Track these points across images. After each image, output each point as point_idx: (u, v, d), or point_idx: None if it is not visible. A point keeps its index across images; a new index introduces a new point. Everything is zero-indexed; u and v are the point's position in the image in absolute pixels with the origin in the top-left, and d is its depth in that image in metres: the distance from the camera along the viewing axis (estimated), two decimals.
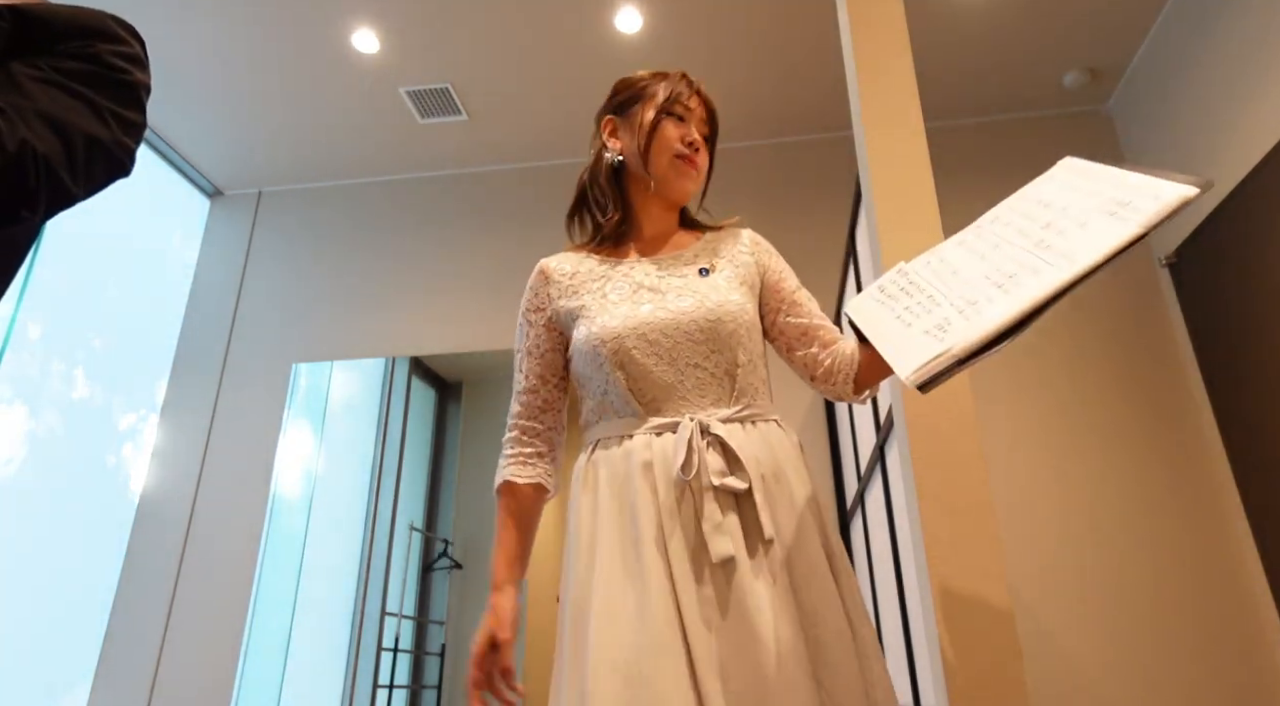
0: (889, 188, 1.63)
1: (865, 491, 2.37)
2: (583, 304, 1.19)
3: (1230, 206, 2.57)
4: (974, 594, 1.31)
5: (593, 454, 1.14)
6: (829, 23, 2.44)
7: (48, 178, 0.73)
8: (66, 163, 0.75)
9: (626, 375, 1.11)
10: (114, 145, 0.80)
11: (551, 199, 3.82)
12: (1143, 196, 0.81)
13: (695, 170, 1.25)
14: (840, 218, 2.52)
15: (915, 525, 1.43)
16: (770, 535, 1.02)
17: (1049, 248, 0.85)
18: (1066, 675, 2.62)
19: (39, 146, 0.72)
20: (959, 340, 0.83)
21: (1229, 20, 2.61)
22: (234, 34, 3.00)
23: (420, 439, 4.02)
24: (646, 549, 1.01)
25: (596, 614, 0.99)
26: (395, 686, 3.53)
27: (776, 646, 0.94)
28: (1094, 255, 0.79)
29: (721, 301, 1.14)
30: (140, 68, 0.86)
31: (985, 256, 0.93)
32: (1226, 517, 2.70)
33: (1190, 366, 2.88)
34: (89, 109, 0.78)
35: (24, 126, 0.71)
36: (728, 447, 1.05)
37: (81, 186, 0.78)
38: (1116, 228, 0.80)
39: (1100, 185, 0.87)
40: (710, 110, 1.29)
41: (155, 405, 3.52)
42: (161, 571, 3.22)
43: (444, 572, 4.08)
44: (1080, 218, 0.85)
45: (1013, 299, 0.82)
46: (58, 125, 0.74)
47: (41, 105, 0.74)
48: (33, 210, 0.75)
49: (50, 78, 0.76)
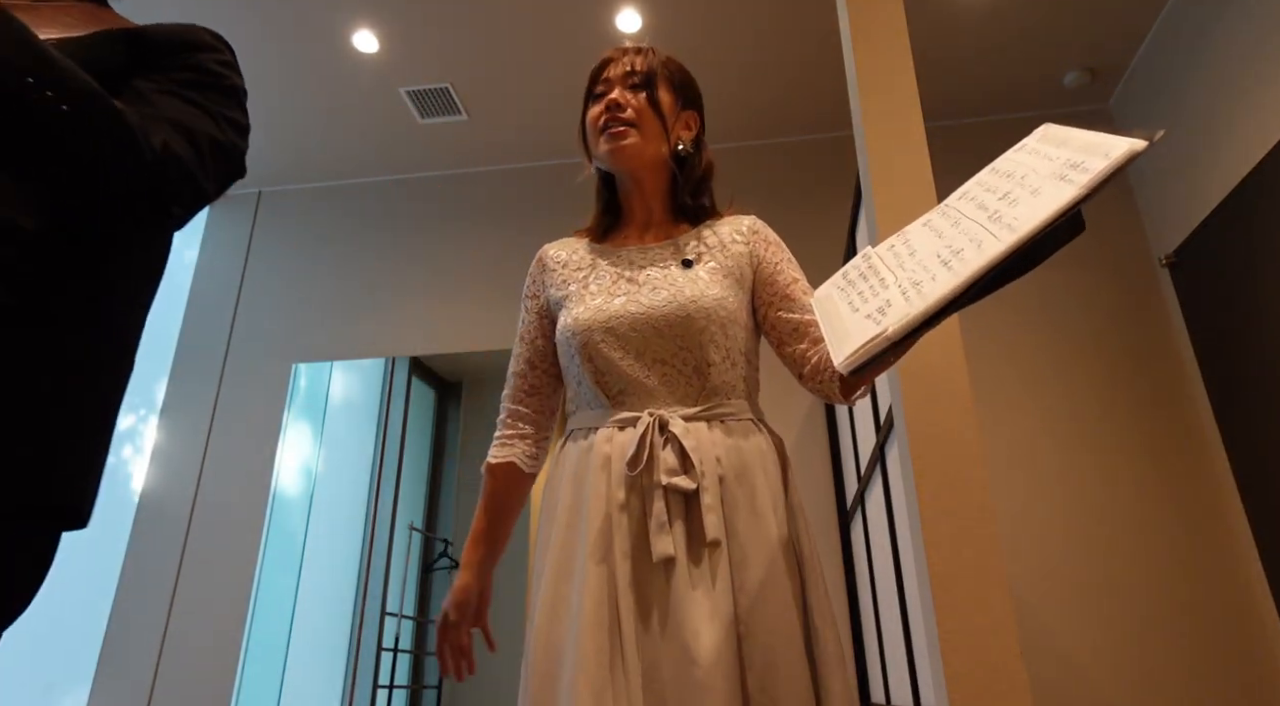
0: (889, 188, 1.63)
1: (865, 491, 2.37)
2: (567, 294, 1.18)
3: (1230, 206, 2.57)
4: (974, 594, 1.31)
5: (565, 445, 1.15)
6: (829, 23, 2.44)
7: (187, 178, 0.80)
8: (198, 164, 0.81)
9: (594, 368, 1.11)
10: (230, 147, 0.87)
11: (551, 199, 3.83)
12: (1093, 156, 0.75)
13: (623, 128, 1.18)
14: (840, 218, 2.52)
15: (915, 525, 1.43)
16: (714, 537, 1.00)
17: (998, 218, 0.80)
18: (1066, 675, 2.62)
19: (176, 148, 0.78)
20: (894, 321, 0.80)
21: (1229, 21, 2.61)
22: (234, 34, 2.97)
23: (420, 439, 4.02)
24: (591, 544, 1.01)
25: (540, 610, 1.02)
26: (395, 686, 3.52)
27: (701, 650, 0.94)
28: (1035, 220, 0.74)
29: (696, 296, 1.10)
30: (236, 73, 0.94)
31: (942, 234, 0.89)
32: (1226, 518, 2.70)
33: (1190, 366, 2.88)
34: (206, 114, 0.84)
35: (160, 131, 0.78)
36: (683, 446, 1.03)
37: (212, 185, 0.84)
38: (1063, 190, 0.75)
39: (1061, 149, 0.82)
40: (639, 62, 1.22)
41: (155, 405, 3.52)
42: (161, 571, 3.22)
43: (444, 572, 4.08)
44: (1034, 184, 0.81)
45: (953, 274, 0.79)
46: (184, 129, 0.81)
47: (168, 113, 0.80)
48: (183, 207, 0.82)
49: (169, 88, 0.83)
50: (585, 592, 0.98)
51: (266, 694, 3.15)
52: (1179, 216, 2.91)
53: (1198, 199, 2.77)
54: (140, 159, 0.74)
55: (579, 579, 1.01)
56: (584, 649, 0.95)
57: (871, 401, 2.11)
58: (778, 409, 1.20)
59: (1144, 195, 3.17)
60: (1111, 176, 0.72)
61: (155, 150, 0.75)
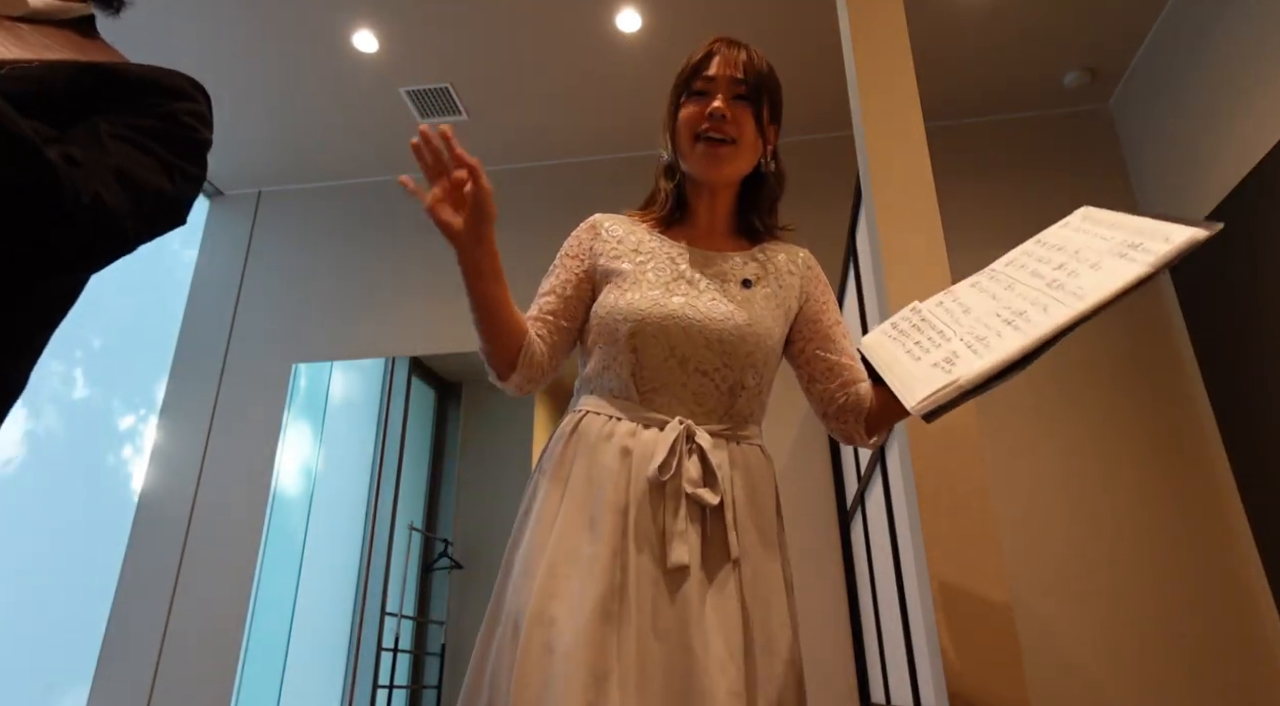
0: (889, 188, 1.63)
1: (865, 491, 2.37)
2: (621, 270, 1.15)
3: (1230, 206, 2.57)
4: (974, 594, 1.31)
5: (579, 425, 1.11)
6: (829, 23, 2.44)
7: (115, 229, 0.78)
8: (133, 215, 0.79)
9: (636, 360, 1.09)
10: (174, 199, 0.86)
11: (551, 199, 3.83)
12: (1153, 239, 0.85)
13: (725, 142, 1.14)
14: (840, 218, 2.52)
15: (915, 525, 1.43)
16: (736, 555, 1.02)
17: (1060, 287, 0.89)
18: (1066, 675, 2.62)
19: (108, 199, 0.76)
20: (966, 371, 0.88)
21: (1229, 21, 2.61)
22: (234, 34, 3.00)
23: (420, 439, 4.02)
24: (606, 535, 1.00)
25: (540, 577, 0.99)
26: (395, 686, 3.52)
27: (705, 658, 0.94)
28: (1103, 292, 0.83)
29: (751, 321, 1.11)
30: (207, 126, 0.92)
31: (997, 296, 0.98)
32: (1227, 518, 2.70)
33: (1190, 366, 2.87)
34: (159, 165, 0.83)
35: (97, 180, 0.76)
36: (707, 459, 1.04)
37: (140, 237, 0.83)
38: (1127, 267, 0.84)
39: (1114, 231, 0.92)
40: (747, 66, 1.16)
41: (155, 405, 3.52)
42: (161, 571, 3.22)
43: (444, 572, 4.08)
44: (1092, 259, 0.90)
45: (1021, 333, 0.87)
46: (129, 179, 0.79)
47: (117, 159, 0.79)
48: (97, 259, 0.80)
49: (127, 134, 0.82)
50: (593, 581, 0.97)
51: (266, 694, 3.15)
52: (1179, 216, 2.90)
53: (1198, 199, 2.77)
54: (60, 210, 0.72)
55: (588, 565, 0.99)
56: (587, 634, 0.94)
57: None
58: (778, 409, 1.20)
59: (1144, 195, 3.17)
60: (1173, 261, 0.81)
61: (83, 200, 0.73)
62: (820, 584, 2.84)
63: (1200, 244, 0.81)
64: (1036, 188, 3.21)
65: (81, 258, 0.78)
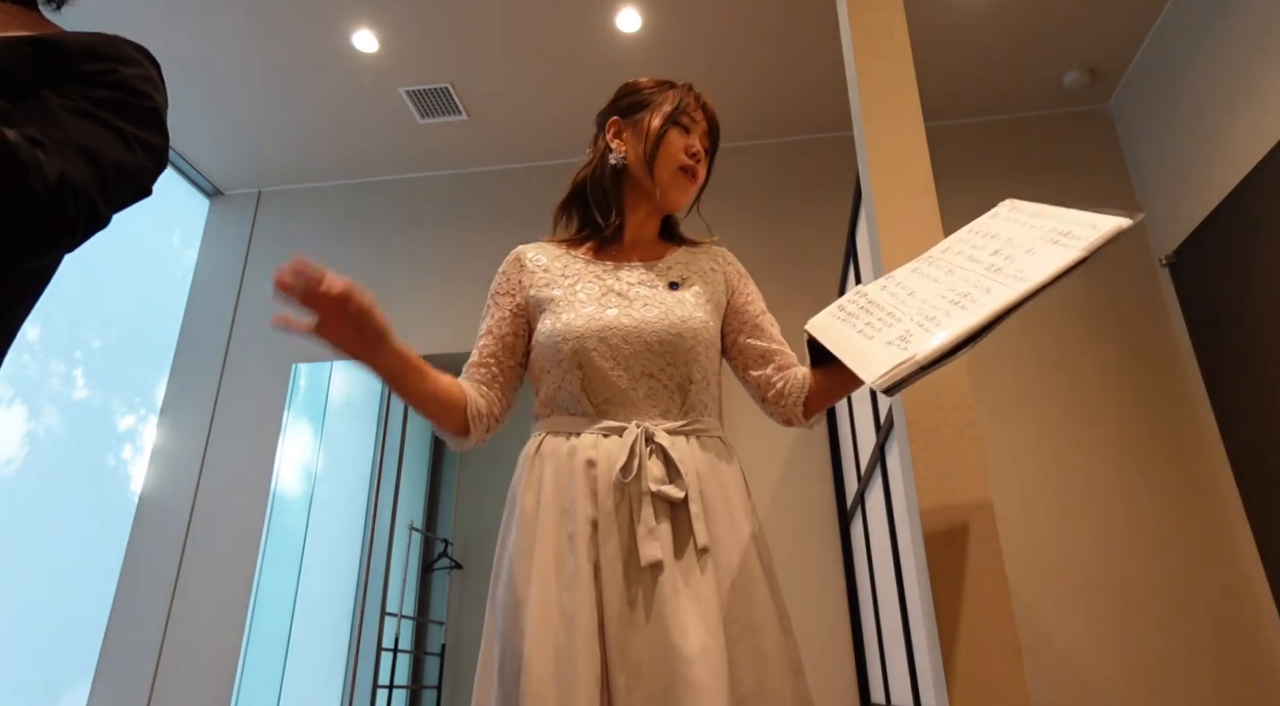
0: (889, 188, 1.63)
1: (865, 491, 2.37)
2: (553, 297, 1.20)
3: (1230, 206, 2.57)
4: (974, 594, 1.31)
5: (540, 446, 1.15)
6: (829, 23, 2.44)
7: (85, 206, 0.77)
8: (100, 190, 0.78)
9: (583, 375, 1.14)
10: (139, 170, 0.84)
11: (551, 199, 3.80)
12: (1081, 227, 0.94)
13: (694, 182, 1.27)
14: (840, 217, 2.52)
15: (915, 525, 1.43)
16: (704, 545, 1.04)
17: (999, 271, 0.98)
18: (1066, 675, 2.62)
19: (76, 176, 0.75)
20: (921, 348, 0.94)
21: (1228, 21, 2.61)
22: (234, 34, 3.00)
23: (420, 439, 4.02)
24: (579, 550, 1.03)
25: (533, 616, 1.01)
26: (395, 686, 3.53)
27: (690, 649, 0.96)
28: (1044, 274, 0.92)
29: (685, 317, 1.16)
30: (158, 90, 0.90)
31: (939, 280, 1.06)
32: (1226, 517, 2.70)
33: (1190, 366, 2.88)
34: (117, 137, 0.82)
35: (61, 157, 0.75)
36: (669, 456, 1.08)
37: (111, 211, 0.82)
38: (1061, 253, 0.93)
39: (1041, 220, 1.01)
40: (712, 124, 1.30)
41: (155, 405, 3.52)
42: (161, 571, 3.22)
43: (444, 572, 4.08)
44: (1026, 245, 0.99)
45: (970, 313, 0.95)
46: (90, 155, 0.78)
47: (74, 136, 0.78)
48: (73, 237, 0.79)
49: (80, 107, 0.80)
50: (578, 597, 1.00)
51: (266, 694, 3.15)
52: (1179, 216, 2.91)
53: (1198, 199, 2.77)
54: (29, 190, 0.71)
55: (572, 583, 1.02)
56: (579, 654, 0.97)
57: (871, 401, 2.12)
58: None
59: (1144, 195, 3.17)
60: (1103, 247, 0.90)
61: (50, 180, 0.72)
62: (820, 584, 2.84)
63: (1125, 231, 0.90)
64: (1036, 188, 3.17)
65: (55, 238, 0.77)
